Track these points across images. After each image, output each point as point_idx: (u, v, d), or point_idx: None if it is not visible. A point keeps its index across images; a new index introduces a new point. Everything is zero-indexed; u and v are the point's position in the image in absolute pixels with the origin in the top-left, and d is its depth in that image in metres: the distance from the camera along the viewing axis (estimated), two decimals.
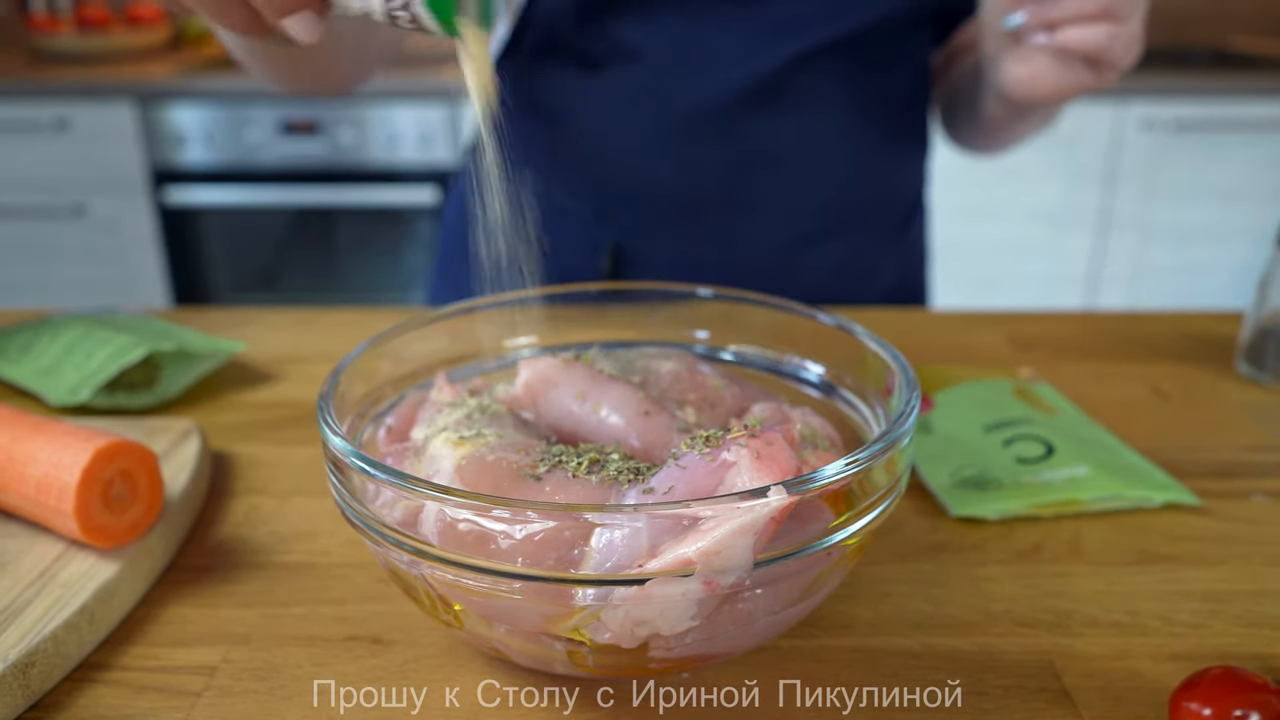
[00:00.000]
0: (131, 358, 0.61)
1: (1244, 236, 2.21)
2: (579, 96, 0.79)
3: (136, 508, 0.45)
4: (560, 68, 0.79)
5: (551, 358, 0.45)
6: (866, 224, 0.84)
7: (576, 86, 0.79)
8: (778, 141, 0.78)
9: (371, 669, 0.40)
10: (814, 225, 0.81)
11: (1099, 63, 0.62)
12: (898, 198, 0.86)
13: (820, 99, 0.77)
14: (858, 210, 0.83)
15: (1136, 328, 0.75)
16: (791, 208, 0.81)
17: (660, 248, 0.81)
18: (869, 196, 0.83)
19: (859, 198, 0.82)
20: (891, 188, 0.85)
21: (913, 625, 0.43)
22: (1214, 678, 0.35)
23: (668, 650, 0.35)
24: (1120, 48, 0.60)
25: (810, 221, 0.81)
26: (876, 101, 0.79)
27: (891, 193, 0.85)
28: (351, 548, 0.48)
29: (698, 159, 0.78)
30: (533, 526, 0.33)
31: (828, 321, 0.48)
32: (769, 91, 0.76)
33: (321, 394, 0.40)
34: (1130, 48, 0.61)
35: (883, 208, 0.85)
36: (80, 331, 0.64)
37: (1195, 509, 0.51)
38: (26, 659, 0.37)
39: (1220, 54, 2.39)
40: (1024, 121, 0.76)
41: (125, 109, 2.12)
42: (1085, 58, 0.62)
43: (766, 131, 0.77)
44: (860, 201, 0.83)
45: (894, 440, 0.36)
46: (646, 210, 0.80)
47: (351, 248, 2.30)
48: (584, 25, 0.76)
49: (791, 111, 0.77)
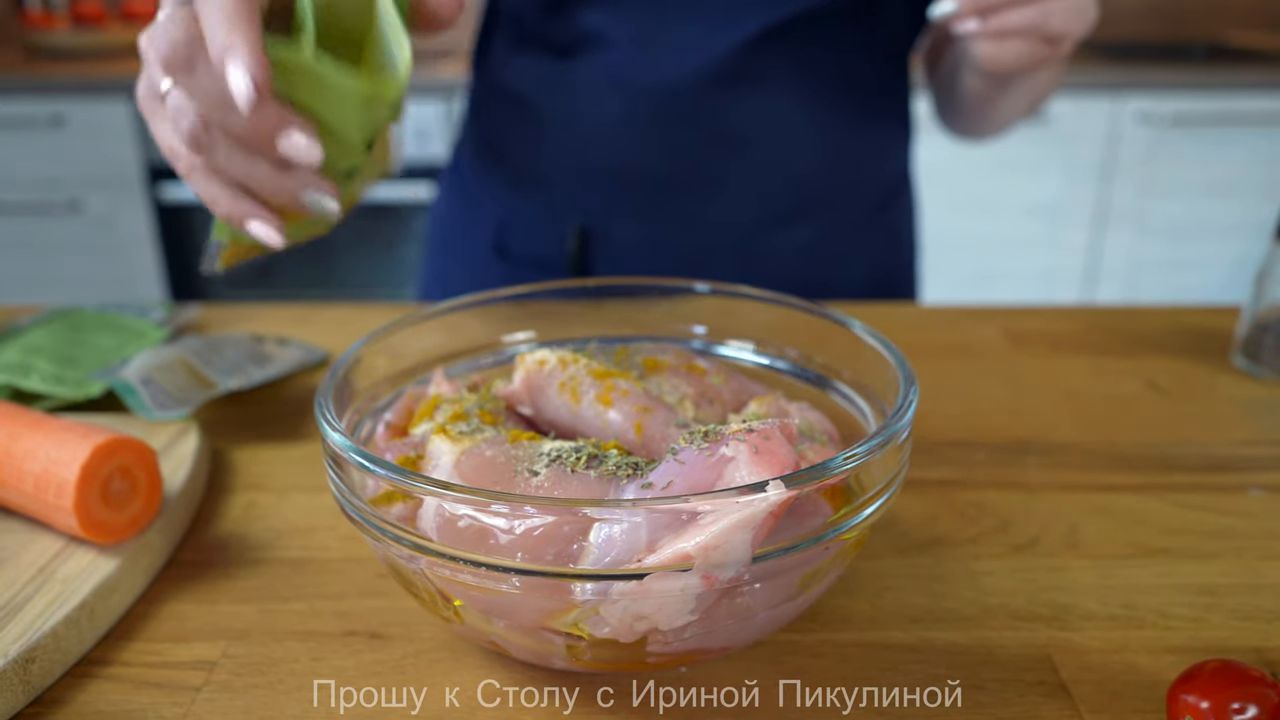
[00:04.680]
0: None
1: (1240, 231, 2.22)
2: (547, 84, 0.80)
3: (135, 504, 0.45)
4: (529, 57, 0.81)
5: (549, 353, 0.45)
6: (835, 208, 0.83)
7: (545, 74, 0.80)
8: (742, 123, 0.78)
9: (370, 664, 0.40)
10: (780, 208, 0.81)
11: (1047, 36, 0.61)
12: (870, 183, 0.85)
13: (782, 80, 0.77)
14: (825, 194, 0.82)
15: (1133, 322, 0.76)
16: (757, 190, 0.80)
17: (626, 230, 0.82)
18: (838, 180, 0.83)
19: (826, 181, 0.82)
20: (863, 172, 0.84)
21: (910, 619, 0.43)
22: (1211, 671, 0.35)
23: (666, 645, 0.35)
24: (1060, 20, 0.59)
25: (776, 204, 0.81)
26: (840, 84, 0.79)
27: (863, 178, 0.84)
28: (350, 543, 0.48)
29: (664, 141, 0.78)
30: (532, 521, 0.33)
31: (825, 316, 0.48)
32: (731, 74, 0.76)
33: (320, 390, 0.40)
34: (1077, 15, 0.60)
35: (852, 192, 0.84)
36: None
37: (1191, 504, 0.52)
38: (27, 654, 0.38)
39: (1217, 48, 2.39)
40: (1005, 97, 0.76)
41: (121, 105, 2.11)
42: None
43: (731, 113, 0.78)
44: (828, 185, 0.82)
45: (891, 435, 0.36)
46: (613, 193, 0.81)
47: (347, 244, 2.30)
48: (552, 16, 0.78)
49: (754, 93, 0.77)
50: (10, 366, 0.60)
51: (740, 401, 0.46)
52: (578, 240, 0.82)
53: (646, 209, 0.81)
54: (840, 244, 0.84)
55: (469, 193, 0.88)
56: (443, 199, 0.92)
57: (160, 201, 2.21)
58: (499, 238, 0.85)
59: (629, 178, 0.80)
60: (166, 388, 0.57)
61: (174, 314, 0.73)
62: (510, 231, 0.85)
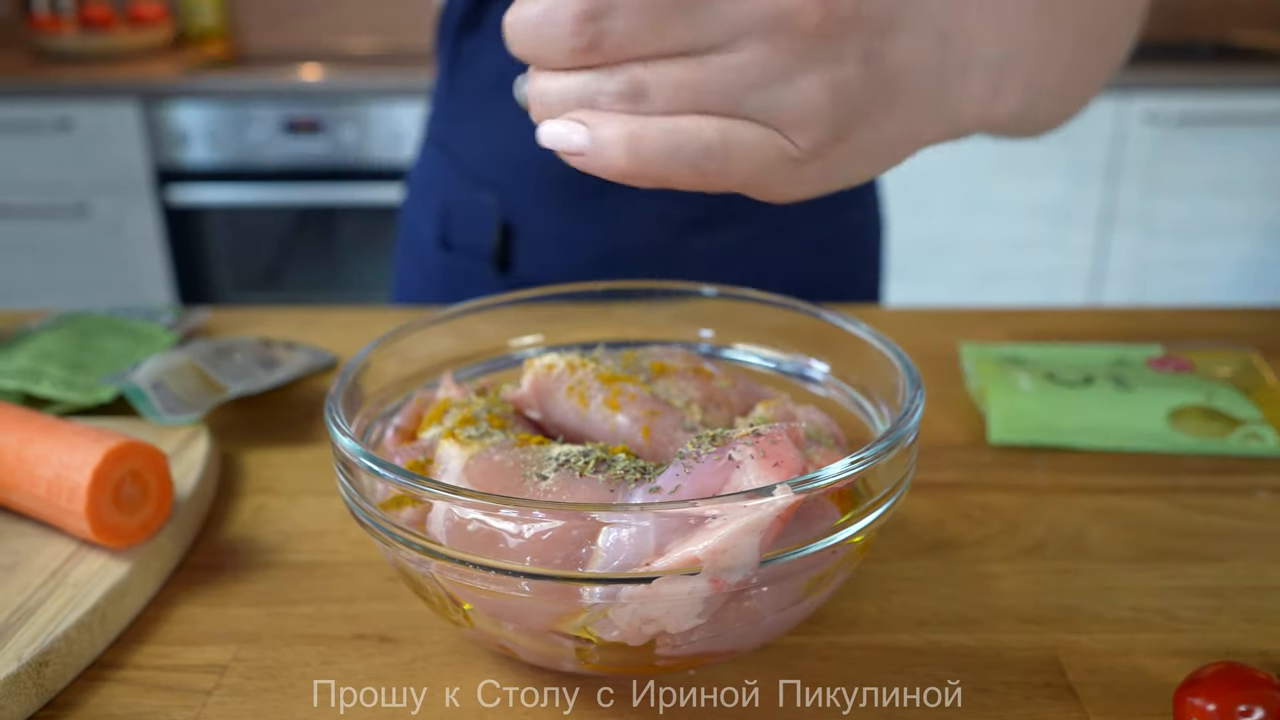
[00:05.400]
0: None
1: (1247, 230, 2.21)
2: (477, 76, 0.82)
3: (147, 508, 0.45)
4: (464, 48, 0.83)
5: (557, 357, 0.45)
6: (764, 213, 0.81)
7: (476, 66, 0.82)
8: None
9: (379, 667, 0.41)
10: (699, 211, 0.80)
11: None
12: None
13: None
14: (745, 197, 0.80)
15: (1139, 323, 0.76)
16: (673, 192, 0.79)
17: (542, 226, 0.82)
18: None
19: None
20: None
21: (917, 622, 0.43)
22: (1218, 673, 0.35)
23: (674, 648, 0.35)
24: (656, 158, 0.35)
25: (694, 207, 0.80)
26: None
27: None
28: (359, 547, 0.49)
29: None
30: (540, 526, 0.33)
31: (831, 319, 0.48)
32: None
33: (329, 394, 0.40)
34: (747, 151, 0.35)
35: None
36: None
37: (1198, 506, 0.52)
38: (41, 658, 0.38)
39: (1223, 47, 2.39)
40: None
41: (128, 108, 2.12)
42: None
43: None
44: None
45: (899, 438, 0.36)
46: (528, 188, 0.82)
47: (355, 246, 2.31)
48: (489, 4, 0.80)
49: None
50: (21, 372, 0.61)
51: (748, 405, 0.46)
52: (500, 234, 0.83)
53: (565, 206, 0.81)
54: (767, 248, 0.83)
55: (422, 186, 0.91)
56: (406, 195, 0.95)
57: (168, 205, 2.22)
58: (442, 229, 0.87)
59: (538, 172, 0.80)
60: (176, 392, 0.57)
61: (183, 318, 0.73)
62: (450, 223, 0.86)
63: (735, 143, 0.34)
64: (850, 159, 0.37)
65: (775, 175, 0.36)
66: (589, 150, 0.34)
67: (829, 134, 0.35)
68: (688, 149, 0.34)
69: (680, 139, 0.34)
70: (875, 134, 0.37)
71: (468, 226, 0.85)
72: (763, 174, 0.36)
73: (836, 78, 0.34)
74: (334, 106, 2.14)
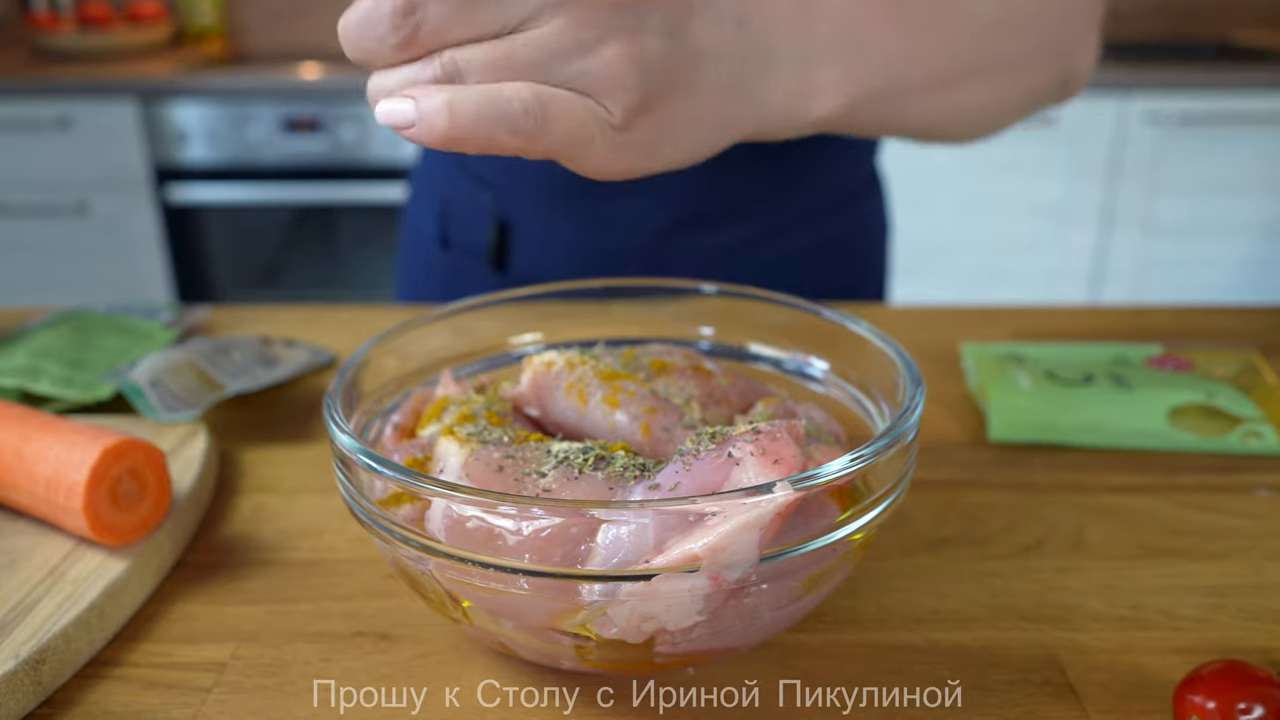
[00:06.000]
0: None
1: (1247, 230, 2.21)
2: None
3: (145, 505, 0.45)
4: None
5: (556, 355, 0.45)
6: (762, 214, 0.81)
7: None
8: None
9: (378, 665, 0.40)
10: (696, 212, 0.80)
11: None
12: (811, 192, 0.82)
13: None
14: (747, 201, 0.80)
15: (1140, 322, 0.76)
16: (666, 192, 0.79)
17: (537, 225, 0.82)
18: (765, 188, 0.80)
19: (751, 188, 0.80)
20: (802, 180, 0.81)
21: (917, 620, 0.43)
22: (1218, 671, 0.35)
23: (674, 645, 0.35)
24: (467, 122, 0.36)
25: (686, 206, 0.80)
26: None
27: (801, 185, 0.81)
28: (358, 544, 0.49)
29: None
30: (539, 523, 0.33)
31: (831, 317, 0.48)
32: None
33: (328, 391, 0.40)
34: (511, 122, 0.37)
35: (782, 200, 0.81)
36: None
37: (1197, 505, 0.52)
38: (38, 655, 0.38)
39: (1224, 47, 2.39)
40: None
41: (127, 107, 2.12)
42: None
43: None
44: (752, 192, 0.80)
45: (899, 436, 0.36)
46: (524, 187, 0.81)
47: (354, 245, 2.31)
48: None
49: None
50: (20, 370, 0.61)
51: (747, 402, 0.46)
52: (496, 232, 0.83)
53: (562, 205, 0.81)
54: (765, 250, 0.83)
55: (423, 184, 0.90)
56: (410, 193, 0.95)
57: (167, 203, 2.22)
58: (441, 227, 0.87)
59: (534, 171, 0.80)
60: (175, 390, 0.57)
61: (182, 316, 0.73)
62: (449, 221, 0.86)
63: (550, 101, 0.36)
64: (664, 132, 0.40)
65: (595, 142, 0.38)
66: (417, 121, 0.36)
67: (636, 101, 0.38)
68: (505, 109, 0.36)
69: (497, 101, 0.36)
70: (685, 110, 0.40)
71: (466, 225, 0.85)
72: (582, 138, 0.37)
73: (639, 47, 0.38)
74: (333, 105, 2.14)
